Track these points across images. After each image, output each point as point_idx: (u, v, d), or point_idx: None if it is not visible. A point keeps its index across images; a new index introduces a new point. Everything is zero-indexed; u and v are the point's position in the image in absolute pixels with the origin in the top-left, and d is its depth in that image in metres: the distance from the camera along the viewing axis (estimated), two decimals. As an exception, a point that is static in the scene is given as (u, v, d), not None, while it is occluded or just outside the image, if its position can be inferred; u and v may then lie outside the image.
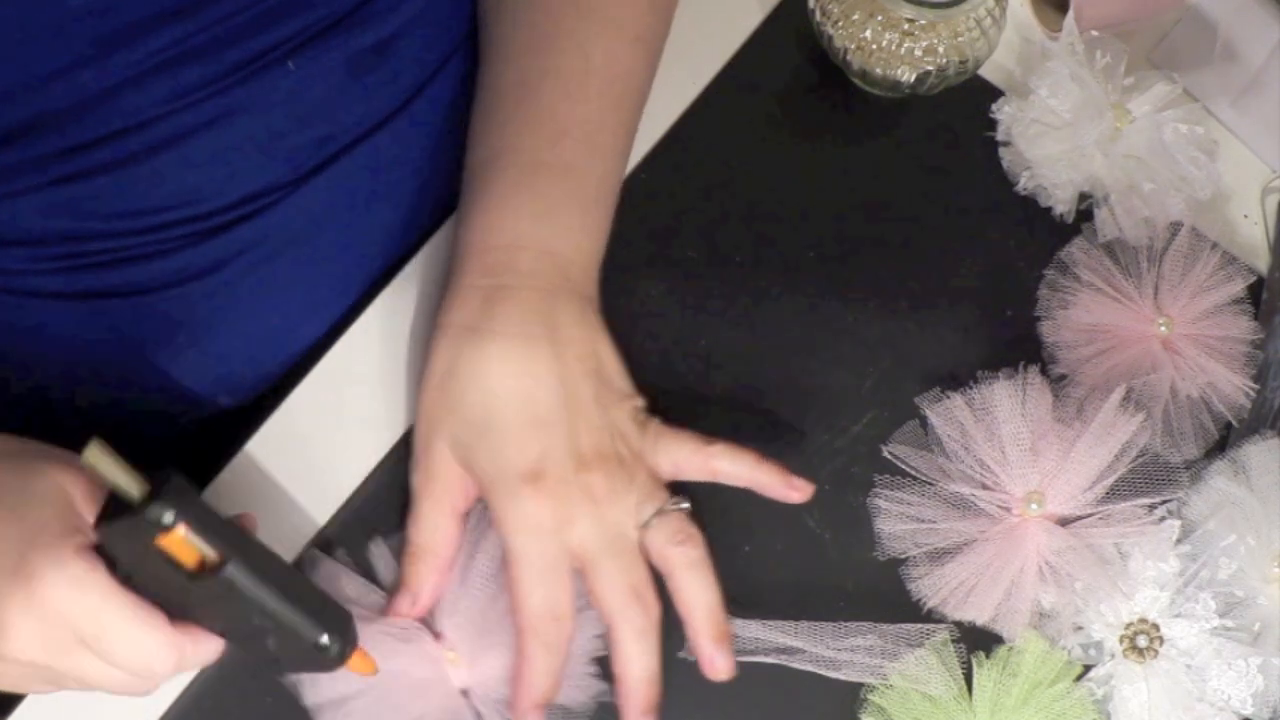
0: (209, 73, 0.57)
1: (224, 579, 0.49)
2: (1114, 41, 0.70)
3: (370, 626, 0.58)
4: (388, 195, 0.66)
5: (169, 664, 0.50)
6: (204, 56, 0.57)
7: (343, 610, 0.54)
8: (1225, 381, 0.66)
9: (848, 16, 0.67)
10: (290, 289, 0.64)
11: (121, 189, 0.58)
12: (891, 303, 0.68)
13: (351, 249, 0.65)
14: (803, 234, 0.68)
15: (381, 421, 0.63)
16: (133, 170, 0.57)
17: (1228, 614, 0.61)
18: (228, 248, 0.61)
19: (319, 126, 0.62)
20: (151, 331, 0.62)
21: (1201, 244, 0.68)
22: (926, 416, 0.64)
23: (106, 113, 0.56)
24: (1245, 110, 0.73)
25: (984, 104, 0.71)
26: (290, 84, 0.60)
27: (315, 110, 0.61)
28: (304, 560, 0.61)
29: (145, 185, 0.58)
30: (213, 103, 0.58)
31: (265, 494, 0.62)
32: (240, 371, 0.65)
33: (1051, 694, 0.60)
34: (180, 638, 0.50)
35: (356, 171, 0.64)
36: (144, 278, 0.61)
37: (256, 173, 0.61)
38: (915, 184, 0.70)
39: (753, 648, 0.60)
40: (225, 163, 0.60)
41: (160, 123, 0.57)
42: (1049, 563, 0.61)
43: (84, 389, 0.64)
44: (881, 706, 0.60)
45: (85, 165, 0.57)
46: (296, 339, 0.66)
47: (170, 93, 0.57)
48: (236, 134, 0.59)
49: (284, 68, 0.59)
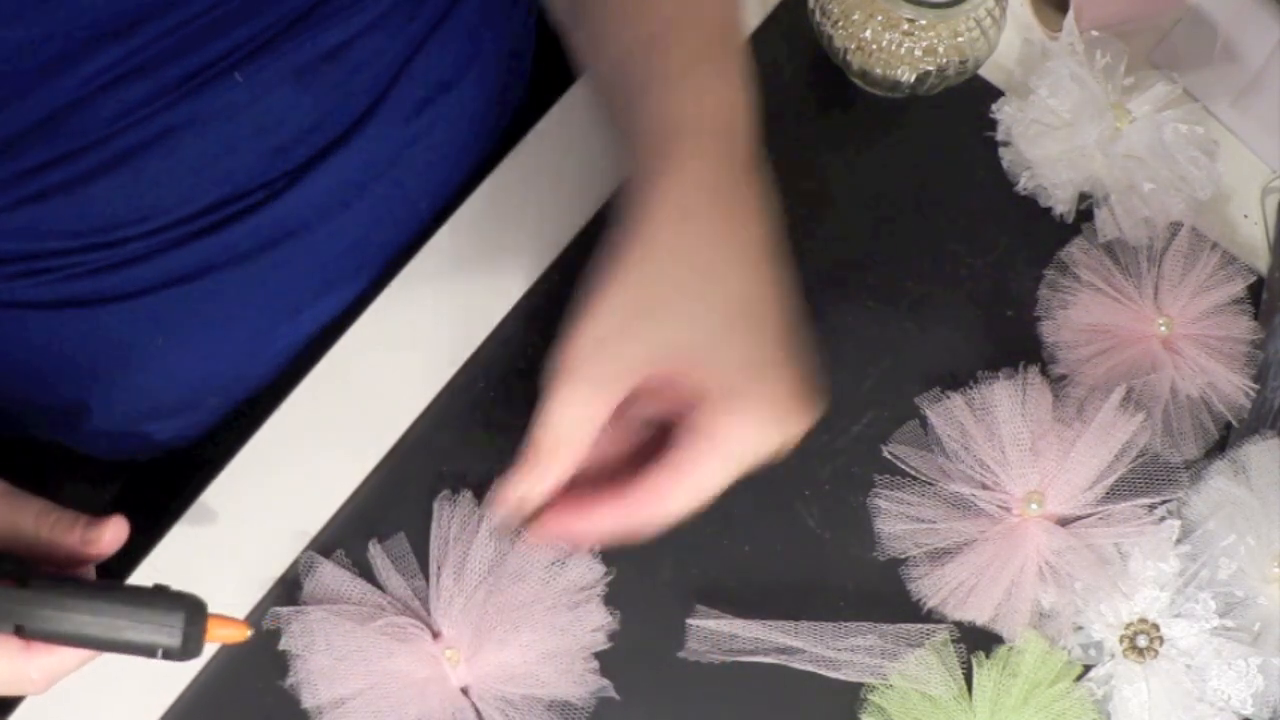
0: (154, 89, 0.57)
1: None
2: (1114, 41, 0.70)
3: (368, 626, 0.58)
4: (355, 199, 0.65)
5: (12, 684, 0.49)
6: (148, 74, 0.57)
7: (177, 600, 0.50)
8: (1225, 381, 0.66)
9: (848, 16, 0.67)
10: (260, 295, 0.64)
11: (79, 209, 0.58)
12: (891, 303, 0.68)
13: (321, 253, 0.65)
14: (803, 234, 0.68)
15: (378, 424, 0.63)
16: (88, 189, 0.58)
17: (1228, 614, 0.61)
18: (194, 257, 0.61)
19: (273, 136, 0.61)
20: (128, 336, 0.62)
21: (1201, 244, 0.68)
22: (926, 416, 0.64)
23: (54, 136, 0.56)
24: (1245, 110, 0.73)
25: (984, 104, 0.71)
26: (239, 95, 0.59)
27: (267, 120, 0.61)
28: (300, 562, 0.61)
29: (102, 203, 0.58)
30: (161, 118, 0.58)
31: (262, 497, 0.62)
32: (223, 371, 0.66)
33: (1051, 694, 0.60)
34: (21, 657, 0.49)
35: (319, 178, 0.63)
36: (108, 288, 0.61)
37: (214, 185, 0.61)
38: (915, 184, 0.70)
39: (753, 648, 0.60)
40: (181, 176, 0.59)
41: (111, 141, 0.57)
42: (1049, 563, 0.61)
43: (61, 393, 0.64)
44: (881, 706, 0.60)
45: (39, 188, 0.57)
46: (276, 339, 0.66)
47: (116, 112, 0.57)
48: (189, 148, 0.59)
49: (231, 79, 0.59)
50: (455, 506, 0.62)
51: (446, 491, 0.62)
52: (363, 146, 0.64)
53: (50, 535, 0.49)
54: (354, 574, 0.60)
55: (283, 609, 0.59)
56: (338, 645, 0.59)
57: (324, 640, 0.59)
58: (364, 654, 0.58)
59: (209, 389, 0.67)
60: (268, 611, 0.60)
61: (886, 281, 0.68)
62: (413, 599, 0.60)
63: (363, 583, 0.60)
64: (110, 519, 0.50)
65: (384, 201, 0.66)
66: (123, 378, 0.64)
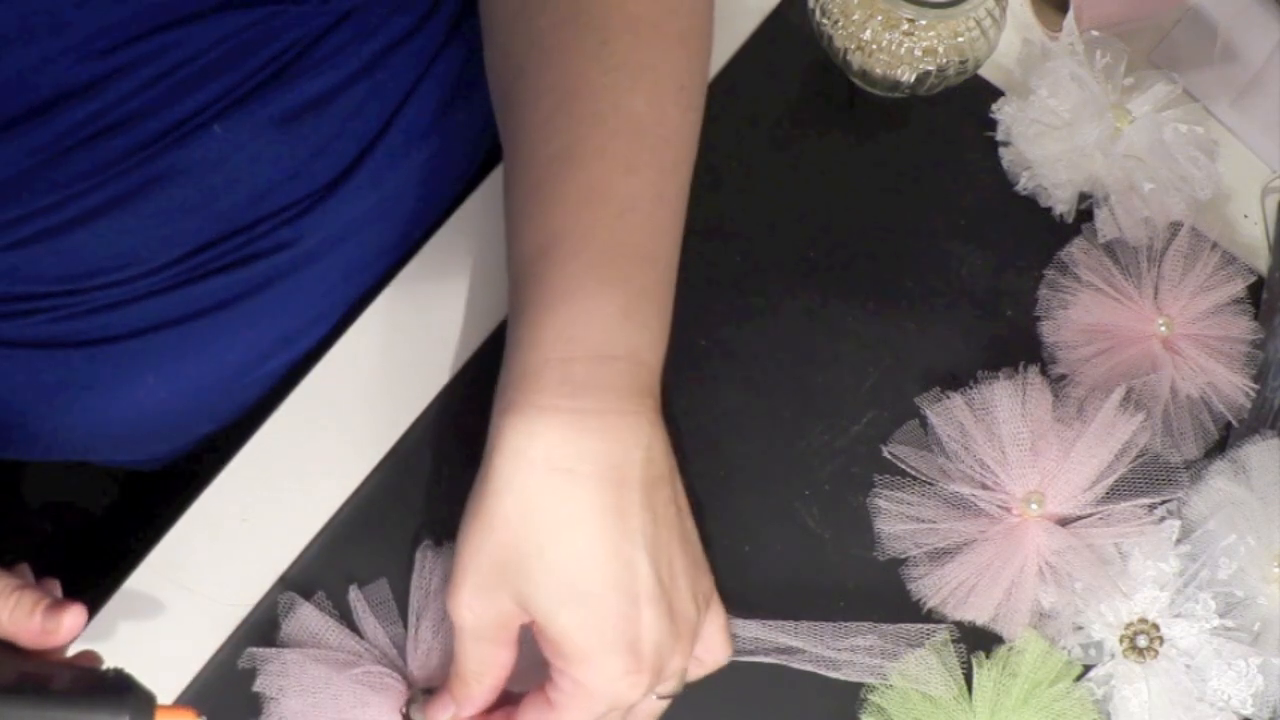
0: (132, 143, 0.56)
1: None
2: (1114, 41, 0.70)
3: (342, 674, 0.58)
4: (343, 242, 0.65)
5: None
6: (125, 129, 0.56)
7: (122, 702, 0.48)
8: (1225, 381, 0.66)
9: (848, 16, 0.67)
10: (250, 333, 0.64)
11: (58, 256, 0.58)
12: (891, 303, 0.68)
13: (312, 291, 0.65)
14: (802, 234, 0.68)
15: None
16: (67, 239, 0.58)
17: (1228, 614, 0.61)
18: (179, 302, 0.61)
19: (254, 185, 0.61)
20: (114, 375, 0.62)
21: (1201, 244, 0.68)
22: (926, 416, 0.64)
23: (30, 191, 0.56)
24: (1245, 110, 0.73)
25: (984, 104, 0.71)
26: (219, 147, 0.58)
27: (248, 169, 0.60)
28: (280, 603, 0.60)
29: (82, 252, 0.58)
30: (140, 171, 0.57)
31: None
32: (213, 401, 0.66)
33: (1051, 694, 0.60)
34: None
35: (306, 223, 0.63)
36: (94, 329, 0.61)
37: (195, 233, 0.60)
38: (915, 184, 0.70)
39: (753, 648, 0.60)
40: (160, 226, 0.59)
41: (89, 195, 0.57)
42: (1049, 563, 0.61)
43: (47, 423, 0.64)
44: (881, 706, 0.60)
45: (17, 237, 0.57)
46: (270, 365, 0.66)
47: (94, 166, 0.56)
48: (169, 199, 0.59)
49: (210, 132, 0.58)
50: (439, 558, 0.60)
51: (429, 541, 0.61)
52: (350, 193, 0.64)
53: (10, 621, 0.48)
54: (334, 618, 0.60)
55: (259, 649, 0.59)
56: (311, 690, 0.58)
57: (298, 684, 0.58)
58: (337, 701, 0.58)
59: (199, 419, 0.67)
60: (244, 652, 0.59)
61: (886, 281, 0.68)
62: (390, 647, 0.59)
63: (341, 628, 0.59)
64: (68, 608, 0.48)
65: (376, 238, 0.66)
66: (108, 410, 0.64)
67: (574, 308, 0.51)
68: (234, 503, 0.62)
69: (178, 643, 0.59)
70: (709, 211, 0.68)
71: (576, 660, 0.51)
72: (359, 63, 0.62)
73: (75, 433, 0.65)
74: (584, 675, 0.51)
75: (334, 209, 0.64)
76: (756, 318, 0.67)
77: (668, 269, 0.54)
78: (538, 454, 0.50)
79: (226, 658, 0.59)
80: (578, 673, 0.51)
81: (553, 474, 0.50)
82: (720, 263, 0.67)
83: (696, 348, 0.66)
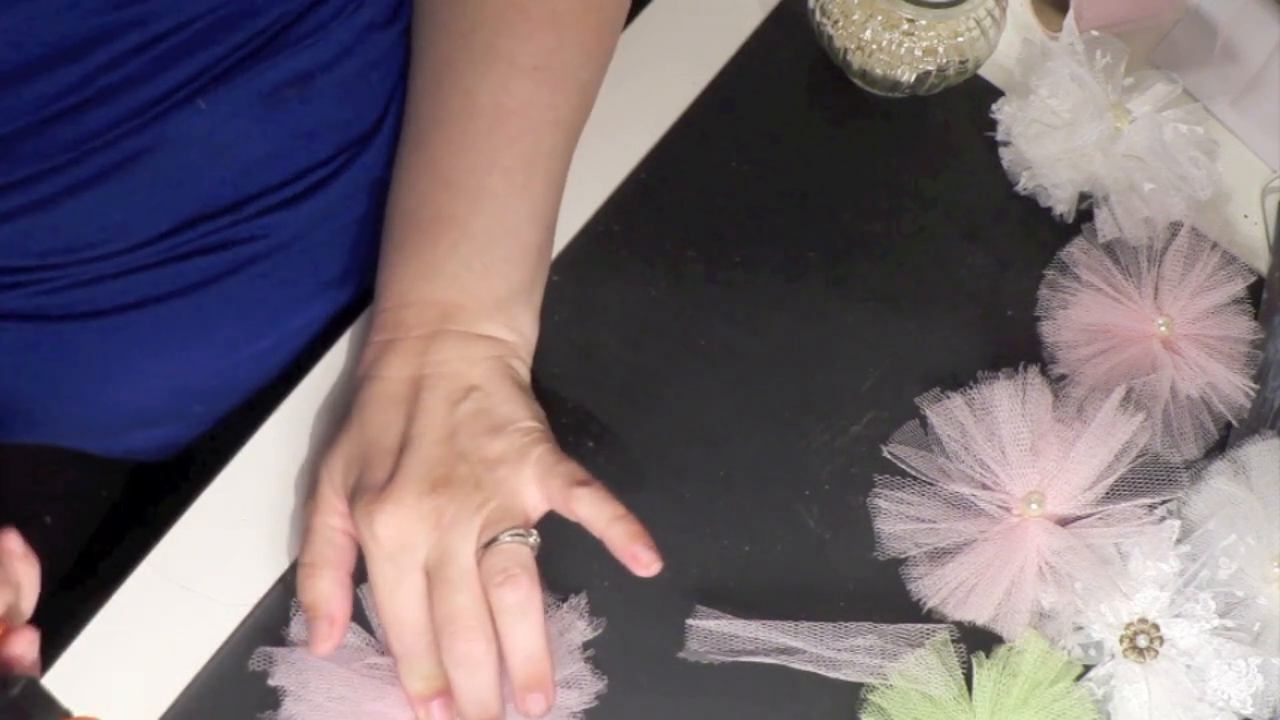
0: (115, 116, 0.57)
1: None
2: (1114, 41, 0.70)
3: (354, 667, 0.58)
4: (334, 218, 0.65)
5: None
6: (108, 101, 0.56)
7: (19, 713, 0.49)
8: (1225, 381, 0.66)
9: (848, 16, 0.67)
10: (236, 311, 0.64)
11: (41, 229, 0.58)
12: (891, 303, 0.68)
13: (302, 267, 0.65)
14: (803, 234, 0.68)
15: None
16: (50, 212, 0.58)
17: (1228, 614, 0.61)
18: (165, 278, 0.61)
19: (238, 161, 0.61)
20: (102, 352, 0.62)
21: (1201, 244, 0.68)
22: (926, 416, 0.64)
23: (12, 160, 0.56)
24: (1245, 110, 0.73)
25: (984, 104, 0.71)
26: (203, 122, 0.59)
27: (233, 145, 0.61)
28: (291, 604, 0.60)
29: (65, 225, 0.59)
30: (122, 145, 0.58)
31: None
32: (205, 381, 0.66)
33: (1051, 694, 0.60)
34: None
35: (295, 200, 0.63)
36: (80, 303, 0.61)
37: (179, 209, 0.61)
38: (915, 184, 0.70)
39: (753, 648, 0.60)
40: (144, 201, 0.59)
41: (71, 168, 0.57)
42: (1049, 563, 0.61)
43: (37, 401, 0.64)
44: (881, 706, 0.60)
45: (4, 209, 0.57)
46: (261, 346, 0.66)
47: (77, 137, 0.57)
48: (152, 173, 0.59)
49: (194, 106, 0.59)
50: None
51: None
52: (335, 176, 0.64)
53: None
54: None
55: (270, 649, 0.59)
56: (330, 684, 0.58)
57: (313, 679, 0.58)
58: (356, 693, 0.58)
59: (192, 398, 0.66)
60: (255, 651, 0.59)
61: (886, 281, 0.68)
62: None
63: (352, 623, 0.59)
64: (20, 635, 0.51)
65: (364, 225, 0.66)
66: (100, 390, 0.64)
67: (388, 272, 0.62)
68: (234, 503, 0.61)
69: (178, 642, 0.59)
70: (709, 211, 0.68)
71: (351, 516, 0.58)
72: (345, 40, 0.63)
73: (66, 411, 0.65)
74: (354, 528, 0.58)
75: (319, 192, 0.64)
76: (756, 317, 0.67)
77: (493, 224, 0.61)
78: (358, 372, 0.61)
79: (227, 657, 0.59)
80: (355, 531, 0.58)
81: (361, 381, 0.61)
82: (720, 263, 0.67)
83: (696, 347, 0.66)
